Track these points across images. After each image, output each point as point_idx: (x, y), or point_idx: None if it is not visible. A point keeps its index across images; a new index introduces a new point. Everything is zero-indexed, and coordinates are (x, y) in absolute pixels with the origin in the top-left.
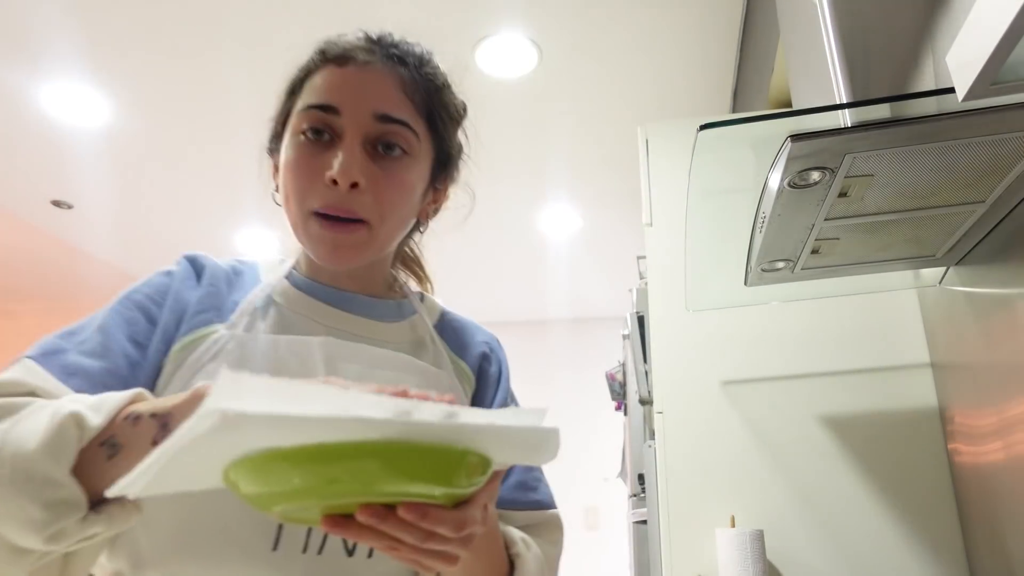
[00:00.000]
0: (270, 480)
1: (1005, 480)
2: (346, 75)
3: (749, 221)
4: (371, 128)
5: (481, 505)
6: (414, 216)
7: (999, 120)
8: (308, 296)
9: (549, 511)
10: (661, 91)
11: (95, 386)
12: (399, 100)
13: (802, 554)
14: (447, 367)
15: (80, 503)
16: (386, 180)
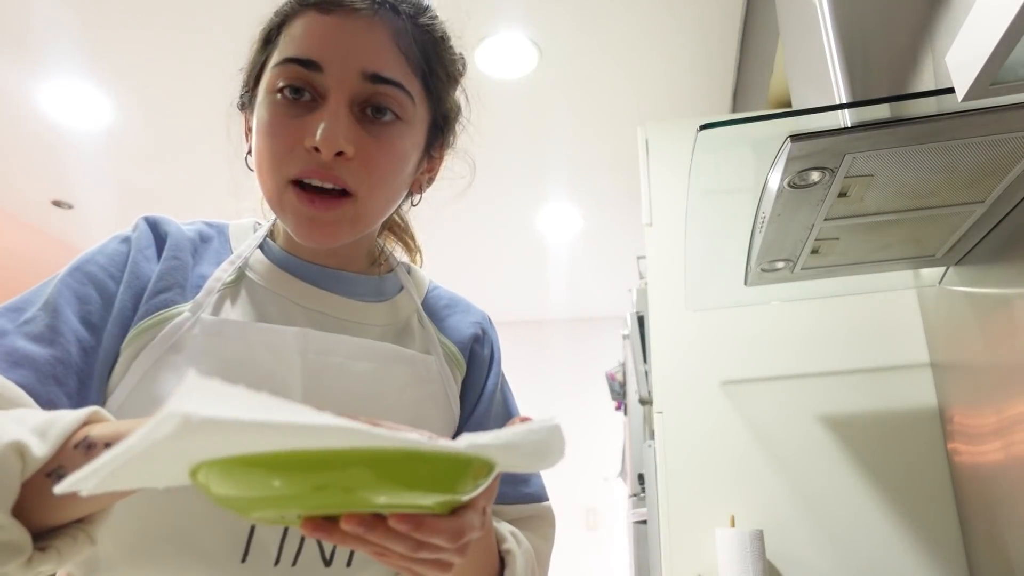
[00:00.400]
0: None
1: (1005, 480)
2: (331, 24)
3: (749, 221)
4: (359, 88)
5: (480, 510)
6: (406, 188)
7: (999, 120)
8: (285, 272)
9: (541, 504)
10: (661, 91)
11: (42, 378)
12: (392, 56)
13: (802, 554)
14: (436, 351)
15: (22, 545)
16: (376, 147)
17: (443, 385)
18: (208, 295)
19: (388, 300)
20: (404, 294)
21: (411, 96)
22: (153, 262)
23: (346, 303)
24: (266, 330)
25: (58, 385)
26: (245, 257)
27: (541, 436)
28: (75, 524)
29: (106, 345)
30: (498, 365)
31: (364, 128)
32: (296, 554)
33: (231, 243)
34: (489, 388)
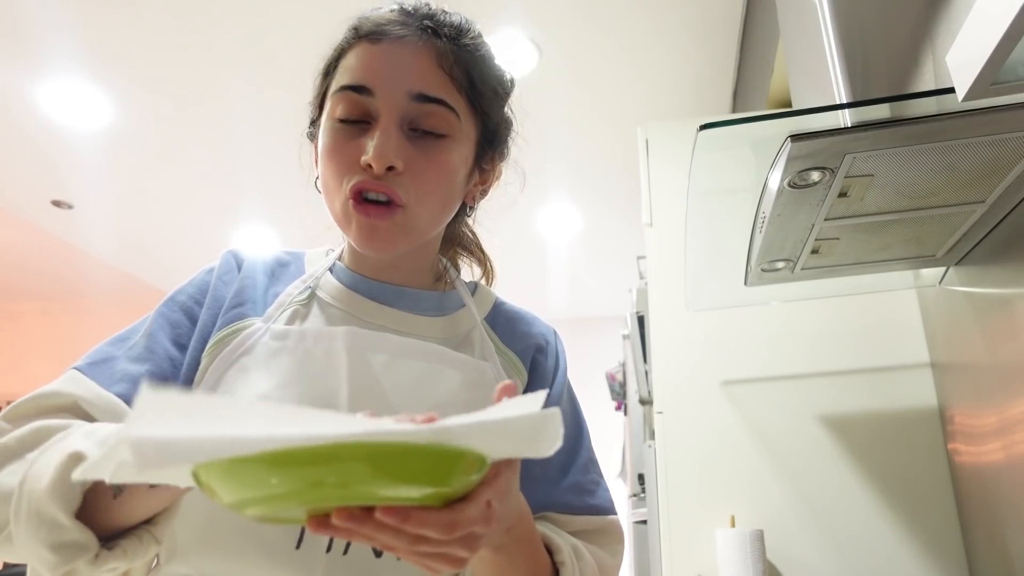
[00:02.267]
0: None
1: (1005, 480)
2: (379, 52)
3: (749, 221)
4: (408, 109)
5: (482, 502)
6: (457, 200)
7: (999, 120)
8: (350, 290)
9: (607, 517)
10: (661, 91)
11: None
12: (437, 77)
13: (802, 554)
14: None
15: (88, 545)
16: (424, 162)
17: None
18: (279, 309)
19: (448, 315)
20: (465, 310)
21: (456, 113)
22: (231, 284)
23: (407, 317)
24: (321, 332)
25: None
26: (316, 277)
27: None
28: (142, 525)
29: (190, 358)
30: (563, 376)
31: (413, 144)
32: (347, 545)
33: (306, 267)
34: (553, 397)
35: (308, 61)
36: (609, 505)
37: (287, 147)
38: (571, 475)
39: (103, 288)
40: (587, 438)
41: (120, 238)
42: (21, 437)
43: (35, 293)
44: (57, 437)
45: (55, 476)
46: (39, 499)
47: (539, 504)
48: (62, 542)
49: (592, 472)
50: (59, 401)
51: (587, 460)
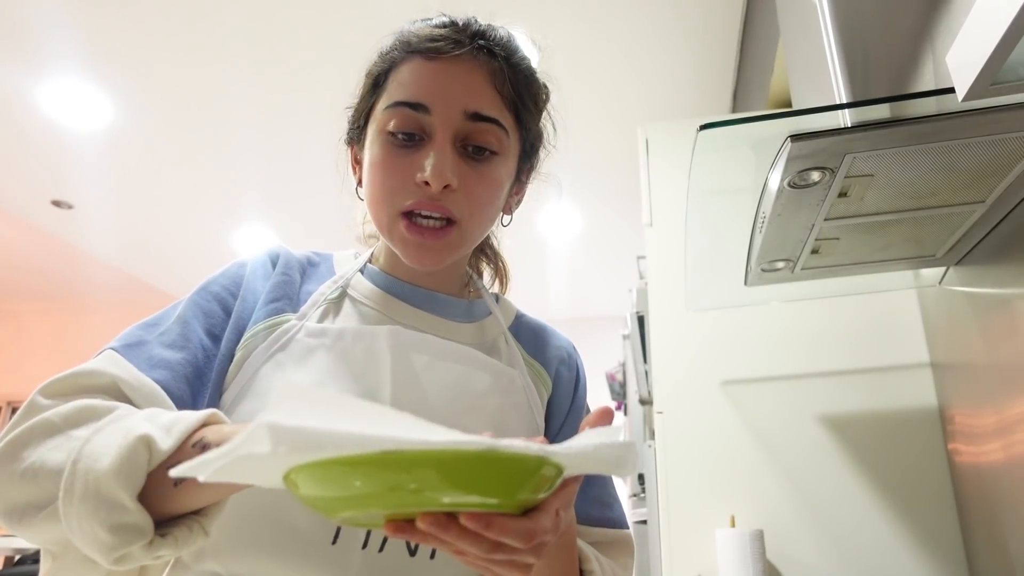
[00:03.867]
0: (331, 485)
1: (1005, 480)
2: (435, 69)
3: (749, 221)
4: (462, 127)
5: (553, 512)
6: (498, 214)
7: (999, 120)
8: (384, 292)
9: (622, 531)
10: (661, 91)
11: (176, 377)
12: (490, 96)
13: (802, 554)
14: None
15: (146, 529)
16: (477, 179)
17: (527, 398)
18: (312, 307)
19: (477, 322)
20: (492, 318)
21: (506, 130)
22: (267, 279)
23: (439, 321)
24: (361, 331)
25: (187, 384)
26: (347, 278)
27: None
28: (192, 516)
29: (223, 350)
30: (584, 389)
31: (465, 162)
32: (384, 541)
33: (335, 268)
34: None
35: (308, 61)
36: (624, 519)
37: (287, 147)
38: (594, 488)
39: (103, 288)
40: None
41: (120, 238)
42: (65, 414)
43: (36, 293)
44: (109, 418)
45: (121, 457)
46: (100, 479)
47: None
48: (122, 524)
49: (610, 486)
50: (99, 381)
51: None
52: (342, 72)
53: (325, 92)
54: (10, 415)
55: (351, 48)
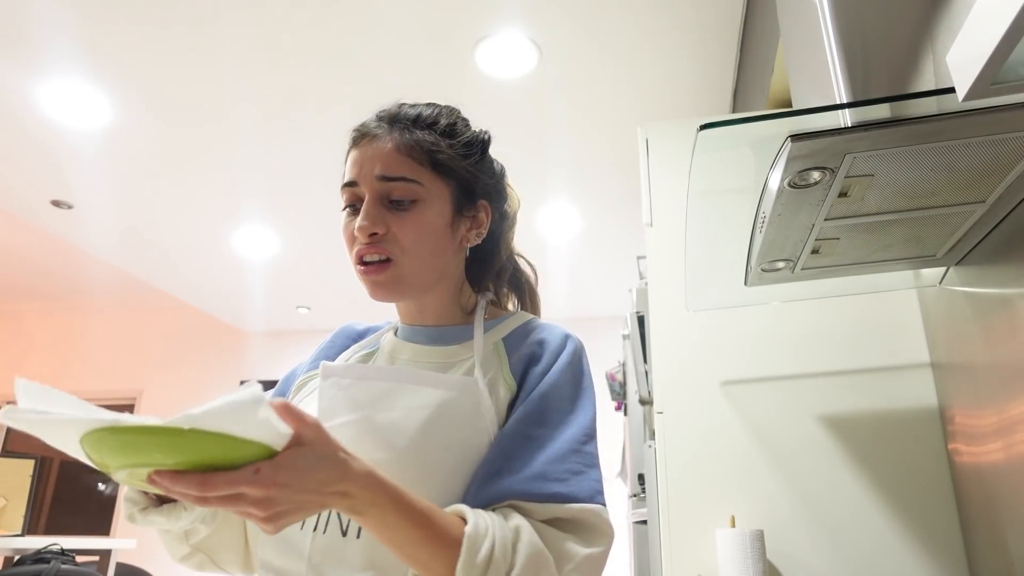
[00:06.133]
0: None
1: (1005, 480)
2: (359, 152)
3: (749, 221)
4: (379, 188)
5: (249, 470)
6: (448, 246)
7: (999, 120)
8: (396, 338)
9: (577, 506)
10: (661, 91)
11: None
12: (397, 160)
13: (802, 554)
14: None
15: (138, 500)
16: (400, 223)
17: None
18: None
19: (462, 343)
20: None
21: (419, 182)
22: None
23: (426, 349)
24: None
25: None
26: (382, 333)
27: (236, 398)
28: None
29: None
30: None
31: (391, 213)
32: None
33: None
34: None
35: (307, 62)
36: (582, 494)
37: (287, 147)
38: (537, 465)
39: (103, 288)
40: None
41: (120, 238)
42: None
43: (36, 293)
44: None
45: None
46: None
47: (502, 493)
48: (128, 495)
49: (570, 462)
50: None
51: (566, 452)
52: (342, 72)
53: (325, 92)
54: None
55: (351, 48)
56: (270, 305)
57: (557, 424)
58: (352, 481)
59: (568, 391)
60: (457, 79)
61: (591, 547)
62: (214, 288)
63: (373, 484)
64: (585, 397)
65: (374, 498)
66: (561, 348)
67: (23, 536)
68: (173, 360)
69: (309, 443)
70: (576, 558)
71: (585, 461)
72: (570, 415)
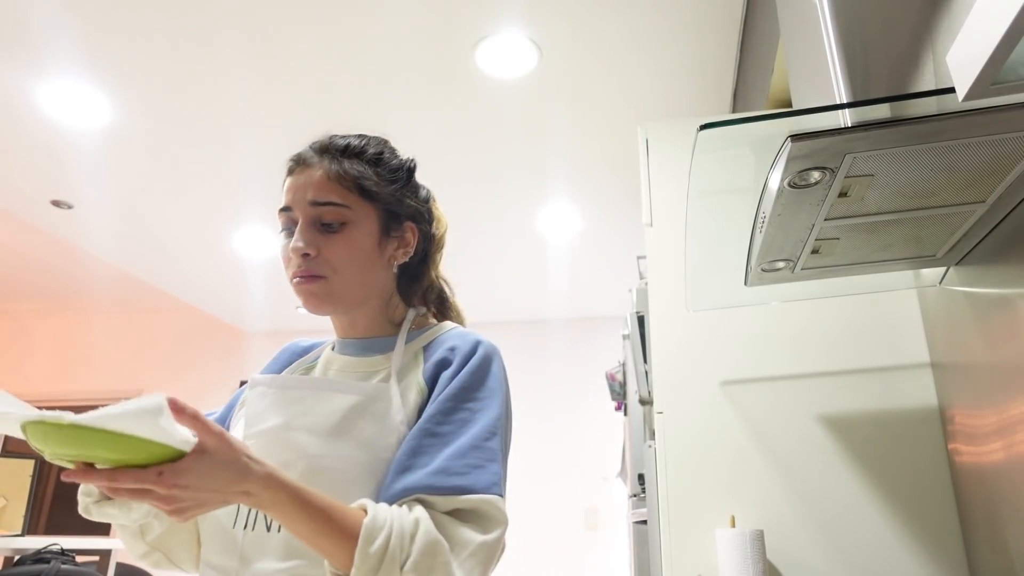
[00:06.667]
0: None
1: (1005, 480)
2: (293, 180)
3: (749, 221)
4: (310, 212)
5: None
6: (377, 263)
7: (999, 120)
8: (332, 352)
9: (475, 497)
10: (661, 91)
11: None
12: (327, 186)
13: (802, 554)
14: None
15: (92, 492)
16: (330, 244)
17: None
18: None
19: (386, 353)
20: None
21: (348, 206)
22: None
23: (352, 360)
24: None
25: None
26: (320, 349)
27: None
28: None
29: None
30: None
31: (322, 235)
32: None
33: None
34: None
35: (308, 61)
36: (479, 486)
37: (287, 147)
38: (440, 461)
39: (103, 288)
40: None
41: (120, 238)
42: None
43: (35, 293)
44: None
45: None
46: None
47: (408, 488)
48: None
49: (471, 457)
50: None
51: (467, 448)
52: (342, 72)
53: (325, 92)
54: None
55: (351, 48)
56: (270, 305)
57: (463, 422)
58: (252, 482)
59: (475, 392)
60: (457, 79)
61: (486, 534)
62: (214, 288)
63: (273, 484)
64: (492, 397)
65: (274, 496)
66: (471, 353)
67: (23, 536)
68: (173, 360)
69: (211, 450)
70: (471, 544)
71: (486, 456)
72: (476, 413)
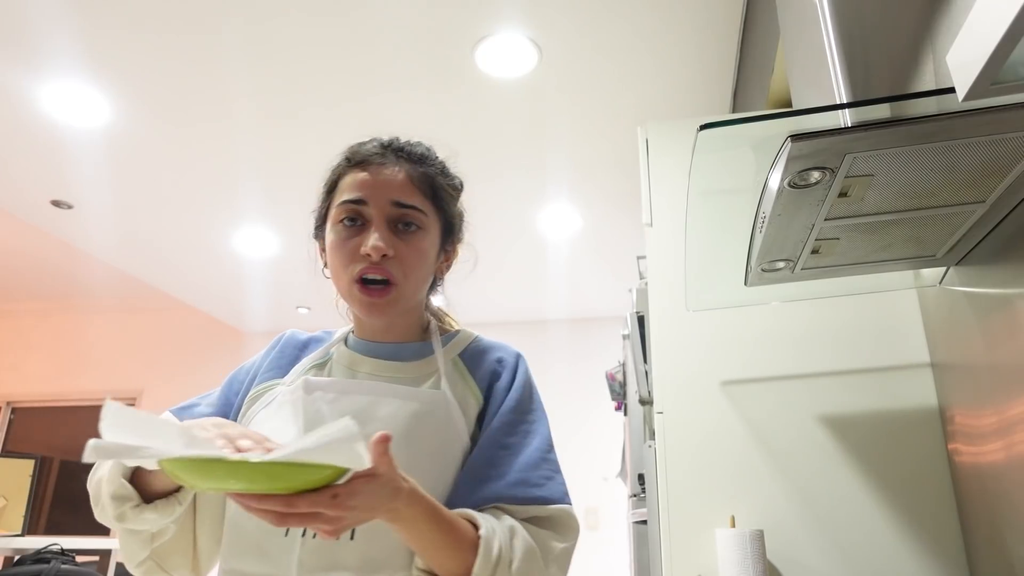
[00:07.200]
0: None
1: (1005, 480)
2: (368, 175)
3: (749, 221)
4: (391, 212)
5: (327, 493)
6: (431, 275)
7: (999, 120)
8: (351, 351)
9: (553, 506)
10: (661, 91)
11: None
12: (410, 189)
13: (802, 554)
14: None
15: (131, 497)
16: (406, 249)
17: (448, 413)
18: (297, 373)
19: (423, 359)
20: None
21: (424, 213)
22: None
23: (390, 364)
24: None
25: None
26: (331, 346)
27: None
28: (172, 493)
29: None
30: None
31: (397, 237)
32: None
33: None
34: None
35: (308, 61)
36: (557, 496)
37: (287, 147)
38: (517, 472)
39: (103, 288)
40: (540, 442)
41: (120, 238)
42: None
43: (35, 293)
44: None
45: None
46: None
47: (490, 497)
48: (118, 494)
49: (543, 469)
50: None
51: (538, 460)
52: (342, 72)
53: (325, 92)
54: (10, 415)
55: (351, 48)
56: (270, 305)
57: (526, 434)
58: (402, 500)
59: (528, 404)
60: (457, 79)
61: (565, 542)
62: (214, 288)
63: (415, 500)
64: (541, 409)
65: (414, 512)
66: (516, 365)
67: (23, 536)
68: (173, 360)
69: (381, 475)
70: (555, 551)
71: (553, 468)
72: (534, 425)
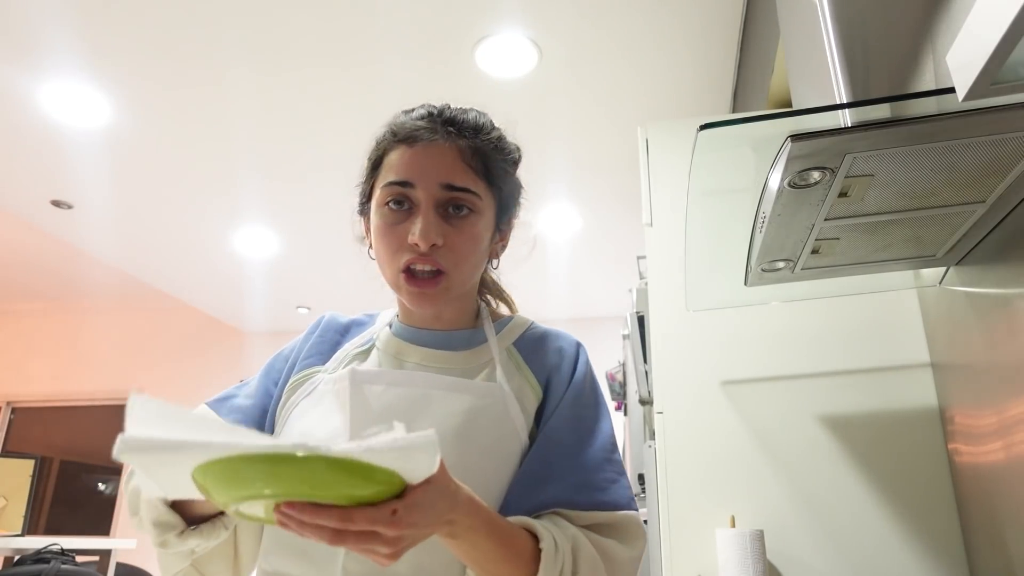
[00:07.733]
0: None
1: (1005, 480)
2: (417, 152)
3: (749, 221)
4: (440, 195)
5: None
6: (485, 258)
7: (999, 120)
8: (397, 338)
9: (618, 513)
10: (661, 91)
11: (247, 419)
12: (461, 169)
13: (802, 554)
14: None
15: (175, 524)
16: (458, 236)
17: (506, 407)
18: (339, 361)
19: (474, 348)
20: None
21: (478, 195)
22: (307, 342)
23: (438, 353)
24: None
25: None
26: (375, 332)
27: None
28: (217, 516)
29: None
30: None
31: (448, 223)
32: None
33: (377, 323)
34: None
35: (307, 61)
36: (622, 502)
37: (287, 148)
38: (578, 475)
39: (103, 288)
40: (603, 441)
41: (120, 238)
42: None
43: (35, 293)
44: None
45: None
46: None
47: (549, 502)
48: (160, 520)
49: (607, 471)
50: None
51: (601, 461)
52: (342, 72)
53: (325, 92)
54: (10, 415)
55: (351, 48)
56: (270, 305)
57: (587, 431)
58: (459, 510)
59: (591, 398)
60: (457, 79)
61: (632, 550)
62: (214, 288)
63: (473, 509)
64: (603, 403)
65: (472, 523)
66: (576, 356)
67: (23, 536)
68: (173, 360)
69: (435, 480)
70: (621, 561)
71: (617, 470)
72: (597, 422)
